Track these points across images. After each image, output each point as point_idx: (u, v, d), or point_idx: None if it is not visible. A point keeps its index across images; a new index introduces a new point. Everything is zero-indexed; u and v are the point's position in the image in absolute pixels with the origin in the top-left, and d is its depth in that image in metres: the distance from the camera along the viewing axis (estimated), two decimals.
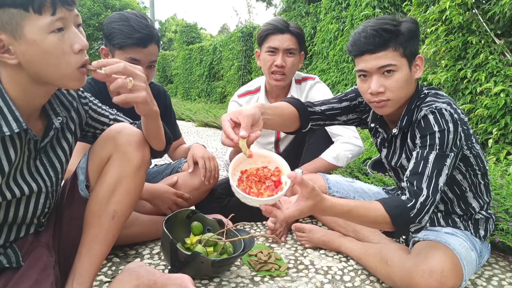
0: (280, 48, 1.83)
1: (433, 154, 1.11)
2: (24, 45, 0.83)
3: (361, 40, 1.18)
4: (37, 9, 0.82)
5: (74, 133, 1.11)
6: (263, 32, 1.89)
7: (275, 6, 11.78)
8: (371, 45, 1.17)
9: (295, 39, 1.86)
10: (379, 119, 1.36)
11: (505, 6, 2.42)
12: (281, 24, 1.85)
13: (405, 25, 1.19)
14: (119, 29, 1.48)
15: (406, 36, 1.17)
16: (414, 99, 1.24)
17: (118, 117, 1.25)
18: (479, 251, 1.30)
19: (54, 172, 1.03)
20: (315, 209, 1.00)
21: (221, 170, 3.30)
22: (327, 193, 1.68)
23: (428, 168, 1.10)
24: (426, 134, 1.14)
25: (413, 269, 1.16)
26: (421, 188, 1.09)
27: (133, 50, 1.49)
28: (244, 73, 8.64)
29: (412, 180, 1.11)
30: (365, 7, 3.98)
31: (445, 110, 1.14)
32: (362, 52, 1.19)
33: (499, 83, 2.59)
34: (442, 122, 1.12)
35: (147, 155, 1.15)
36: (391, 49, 1.17)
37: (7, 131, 0.86)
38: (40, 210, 1.03)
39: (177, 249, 1.29)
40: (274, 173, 0.99)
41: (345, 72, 4.36)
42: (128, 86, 0.95)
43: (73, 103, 1.10)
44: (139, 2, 20.64)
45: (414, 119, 1.21)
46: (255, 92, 2.00)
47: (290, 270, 1.46)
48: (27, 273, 0.96)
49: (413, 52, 1.20)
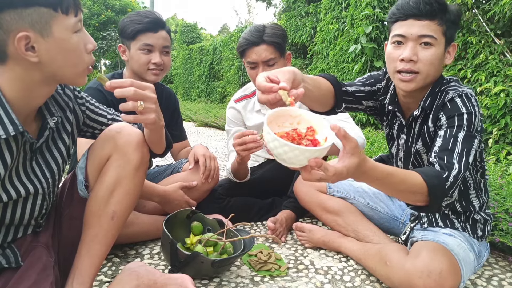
0: (259, 61, 1.76)
1: (462, 133, 1.11)
2: (51, 43, 0.87)
3: (410, 3, 1.15)
4: (64, 10, 0.88)
5: (71, 133, 1.11)
6: (239, 48, 1.81)
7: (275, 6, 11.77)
8: (419, 10, 1.14)
9: (272, 47, 1.74)
10: (396, 103, 1.33)
11: (505, 6, 2.42)
12: (253, 37, 1.74)
13: (453, 7, 1.18)
14: (130, 20, 1.61)
15: (452, 16, 1.16)
16: (439, 82, 1.25)
17: (116, 117, 1.25)
18: (478, 252, 1.30)
19: (50, 173, 1.03)
20: (359, 168, 0.88)
21: (221, 170, 3.31)
22: (327, 192, 1.68)
23: (458, 145, 1.09)
24: (453, 115, 1.14)
25: (412, 270, 1.16)
26: (452, 163, 1.07)
27: (145, 36, 1.59)
28: (244, 73, 8.63)
29: (442, 156, 1.09)
30: (365, 7, 3.98)
31: (471, 95, 1.16)
32: (407, 16, 1.16)
33: (499, 83, 2.60)
34: (469, 105, 1.13)
35: (147, 155, 1.15)
36: (437, 22, 1.14)
37: (2, 134, 0.86)
38: (38, 212, 1.03)
39: (177, 249, 1.29)
40: (308, 133, 0.83)
41: (345, 72, 4.35)
42: (139, 109, 0.98)
43: (69, 103, 1.09)
44: (139, 2, 20.64)
45: (439, 101, 1.21)
46: (251, 96, 2.00)
47: (290, 270, 1.46)
48: (26, 273, 0.96)
49: (452, 36, 1.20)
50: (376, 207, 1.62)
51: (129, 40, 1.60)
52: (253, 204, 1.96)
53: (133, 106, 0.97)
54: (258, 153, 2.12)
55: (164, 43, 1.62)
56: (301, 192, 1.73)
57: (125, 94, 0.96)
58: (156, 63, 1.61)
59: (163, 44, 1.62)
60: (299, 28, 6.47)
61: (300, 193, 1.74)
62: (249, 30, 1.78)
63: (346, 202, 1.64)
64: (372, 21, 3.91)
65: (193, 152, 1.77)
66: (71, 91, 1.11)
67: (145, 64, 1.61)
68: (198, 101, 11.18)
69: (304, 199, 1.73)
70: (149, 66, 1.62)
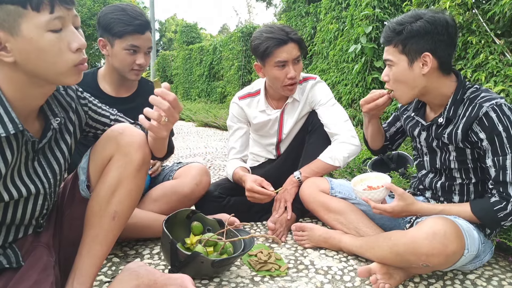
0: (289, 60, 1.77)
1: (508, 159, 1.21)
2: (21, 42, 0.82)
3: (384, 32, 1.36)
4: (35, 6, 0.81)
5: (74, 134, 1.11)
6: (267, 49, 1.76)
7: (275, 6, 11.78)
8: (384, 39, 1.36)
9: (298, 45, 1.80)
10: (420, 109, 1.49)
11: (505, 6, 2.42)
12: (282, 35, 1.75)
13: (414, 24, 1.27)
14: (118, 18, 1.55)
15: (408, 34, 1.27)
16: (459, 91, 1.33)
17: (119, 118, 1.25)
18: (483, 241, 1.31)
19: (52, 173, 1.03)
20: (406, 209, 1.33)
21: (222, 171, 3.31)
22: (330, 193, 1.69)
23: (509, 174, 1.22)
24: (493, 135, 1.22)
25: (417, 233, 1.19)
26: (509, 194, 1.23)
27: (132, 37, 1.57)
28: (244, 73, 8.62)
29: (498, 188, 1.24)
30: (365, 7, 3.97)
31: (504, 105, 1.23)
32: (383, 43, 1.38)
33: (499, 83, 2.59)
34: (504, 119, 1.21)
35: (148, 156, 1.15)
36: (392, 46, 1.34)
37: (2, 133, 0.85)
38: (38, 212, 1.03)
39: (177, 249, 1.29)
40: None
41: (345, 72, 4.35)
42: (161, 122, 1.00)
43: (72, 104, 1.09)
44: (139, 2, 20.66)
45: (472, 113, 1.26)
46: (255, 95, 2.00)
47: (290, 270, 1.46)
48: (27, 273, 0.96)
49: (417, 49, 1.28)
50: None
51: (114, 37, 1.57)
52: (253, 204, 1.96)
53: (157, 117, 0.99)
54: (258, 153, 2.12)
55: (149, 44, 1.63)
56: (305, 193, 1.75)
57: (160, 105, 0.98)
58: (140, 64, 1.61)
59: (148, 45, 1.62)
60: (299, 28, 6.46)
61: (304, 194, 1.75)
62: (270, 31, 1.77)
63: (348, 202, 1.66)
64: (372, 21, 3.90)
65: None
66: (74, 91, 1.11)
67: (129, 64, 1.61)
68: (198, 101, 11.17)
69: (308, 200, 1.74)
70: (133, 66, 1.62)
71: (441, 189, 1.44)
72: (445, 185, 1.42)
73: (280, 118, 1.97)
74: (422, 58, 1.28)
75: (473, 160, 1.34)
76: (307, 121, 1.98)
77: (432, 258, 1.15)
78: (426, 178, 1.51)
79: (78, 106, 1.12)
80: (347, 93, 4.14)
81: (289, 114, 1.97)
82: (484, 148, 1.26)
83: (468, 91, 1.32)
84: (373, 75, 3.85)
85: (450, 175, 1.41)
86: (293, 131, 2.01)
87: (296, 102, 1.94)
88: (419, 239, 1.17)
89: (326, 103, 1.92)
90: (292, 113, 1.96)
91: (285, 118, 1.98)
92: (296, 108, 1.95)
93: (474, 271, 1.46)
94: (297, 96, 1.93)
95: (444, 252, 1.14)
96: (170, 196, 1.71)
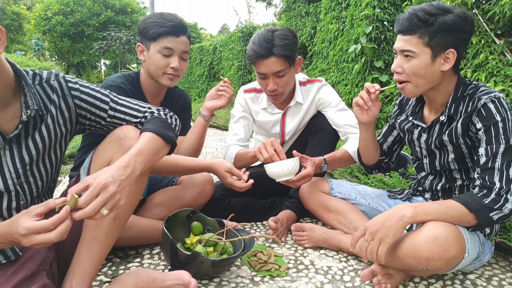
0: (269, 73, 1.72)
1: (501, 149, 1.18)
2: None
3: (399, 20, 1.27)
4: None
5: (64, 125, 1.10)
6: (248, 59, 1.76)
7: (275, 6, 11.79)
8: (402, 27, 1.25)
9: (282, 59, 1.68)
10: (417, 113, 1.45)
11: (505, 6, 2.42)
12: (263, 49, 1.67)
13: (446, 17, 1.21)
14: (153, 21, 1.59)
15: (438, 27, 1.20)
16: (459, 88, 1.31)
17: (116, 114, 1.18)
18: (483, 242, 1.30)
19: (21, 164, 1.02)
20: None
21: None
22: (330, 193, 1.69)
23: (498, 162, 1.18)
24: (489, 124, 1.20)
25: (417, 237, 1.16)
26: (493, 182, 1.17)
27: (166, 39, 1.57)
28: (244, 73, 8.63)
29: (484, 176, 1.19)
30: (365, 7, 3.97)
31: (503, 99, 1.22)
32: (397, 32, 1.29)
33: (499, 83, 2.59)
34: (502, 111, 1.20)
35: None
36: (417, 36, 1.23)
37: None
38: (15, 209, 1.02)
39: (177, 249, 1.29)
40: None
41: (345, 72, 4.35)
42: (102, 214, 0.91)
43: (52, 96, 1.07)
44: (139, 2, 20.64)
45: (471, 107, 1.25)
46: (260, 91, 2.00)
47: (290, 270, 1.46)
48: (26, 264, 0.98)
49: (443, 44, 1.22)
50: (377, 207, 1.62)
51: (150, 41, 1.58)
52: (254, 204, 1.96)
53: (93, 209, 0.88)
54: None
55: (184, 48, 1.61)
56: (305, 193, 1.75)
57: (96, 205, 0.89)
58: (174, 67, 1.59)
59: (183, 49, 1.61)
60: (299, 28, 6.46)
61: (304, 194, 1.75)
62: (258, 41, 1.70)
63: (348, 202, 1.66)
64: (372, 21, 3.90)
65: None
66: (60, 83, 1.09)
67: (163, 67, 1.59)
68: (198, 101, 11.17)
69: (307, 200, 1.74)
70: (166, 70, 1.59)
71: (441, 191, 1.44)
72: (445, 187, 1.42)
73: (282, 120, 1.97)
74: (445, 54, 1.24)
75: (471, 159, 1.33)
76: (311, 123, 1.98)
77: (433, 262, 1.13)
78: (425, 180, 1.50)
79: (68, 97, 1.09)
80: (347, 93, 4.13)
81: (291, 116, 1.97)
82: (479, 137, 1.23)
83: (467, 88, 1.31)
84: (373, 75, 3.85)
85: (450, 176, 1.41)
86: (296, 133, 2.01)
87: (299, 104, 1.94)
88: (420, 242, 1.14)
89: (337, 105, 1.92)
90: (295, 115, 1.96)
91: (287, 120, 1.98)
92: (299, 110, 1.95)
93: (474, 271, 1.46)
94: (299, 98, 1.92)
95: (444, 256, 1.12)
96: (172, 202, 1.71)
